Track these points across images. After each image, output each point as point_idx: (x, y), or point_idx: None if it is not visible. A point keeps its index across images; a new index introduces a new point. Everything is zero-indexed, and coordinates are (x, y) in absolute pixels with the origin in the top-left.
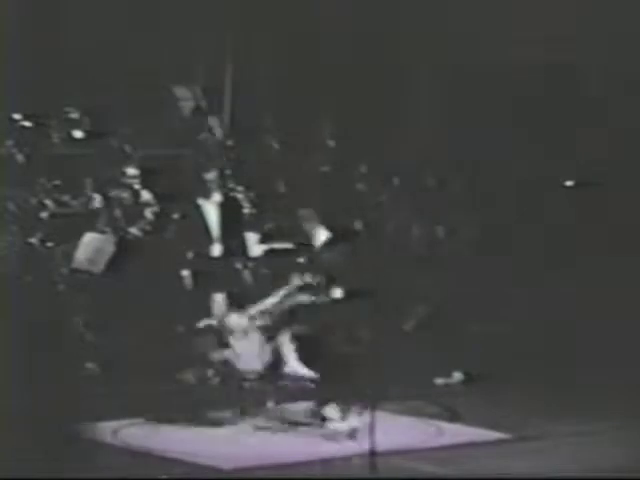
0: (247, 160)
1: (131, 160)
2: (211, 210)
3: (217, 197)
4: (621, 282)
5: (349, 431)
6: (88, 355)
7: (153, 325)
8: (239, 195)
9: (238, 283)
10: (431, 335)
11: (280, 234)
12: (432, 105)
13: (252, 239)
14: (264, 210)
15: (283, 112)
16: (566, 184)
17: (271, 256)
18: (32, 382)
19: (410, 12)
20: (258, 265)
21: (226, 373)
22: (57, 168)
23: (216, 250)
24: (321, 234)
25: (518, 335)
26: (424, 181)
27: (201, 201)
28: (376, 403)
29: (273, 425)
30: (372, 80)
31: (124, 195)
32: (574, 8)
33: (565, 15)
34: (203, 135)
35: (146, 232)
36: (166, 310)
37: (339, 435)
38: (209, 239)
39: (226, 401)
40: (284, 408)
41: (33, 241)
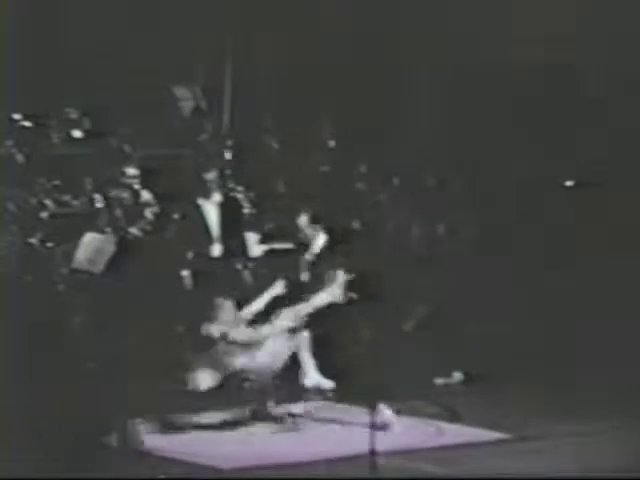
0: (247, 160)
1: (131, 160)
2: (211, 210)
3: (217, 197)
4: (621, 282)
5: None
6: (88, 355)
7: (153, 325)
8: (239, 195)
9: (238, 283)
10: (431, 335)
11: (280, 234)
12: (432, 105)
13: (252, 239)
14: (264, 210)
15: (283, 112)
16: (566, 184)
17: (271, 256)
18: (32, 382)
19: (410, 12)
20: (258, 265)
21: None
22: (57, 168)
23: (216, 250)
24: (320, 238)
25: (518, 335)
26: (424, 181)
27: (201, 201)
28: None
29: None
30: (372, 80)
31: (124, 195)
32: (574, 8)
33: (565, 15)
34: (203, 135)
35: (146, 232)
36: (166, 310)
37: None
38: (209, 239)
39: (226, 401)
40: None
41: (33, 241)
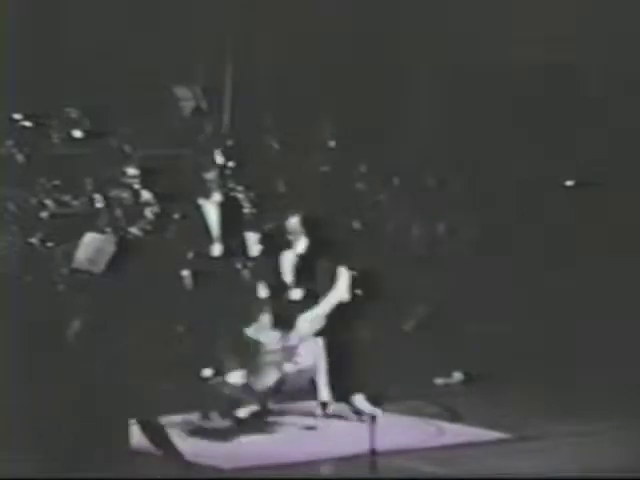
0: (247, 160)
1: (131, 160)
2: (211, 210)
3: (217, 197)
4: (621, 282)
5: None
6: (88, 355)
7: (153, 325)
8: (239, 195)
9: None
10: (431, 335)
11: (280, 234)
12: (432, 105)
13: (252, 239)
14: (264, 210)
15: (283, 112)
16: (566, 184)
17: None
18: (32, 382)
19: (410, 12)
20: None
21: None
22: (57, 168)
23: (216, 250)
24: (301, 243)
25: (518, 335)
26: (424, 181)
27: (201, 201)
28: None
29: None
30: (372, 80)
31: (124, 195)
32: (574, 8)
33: (565, 15)
34: (203, 135)
35: (146, 232)
36: (166, 310)
37: None
38: (209, 239)
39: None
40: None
41: (33, 241)
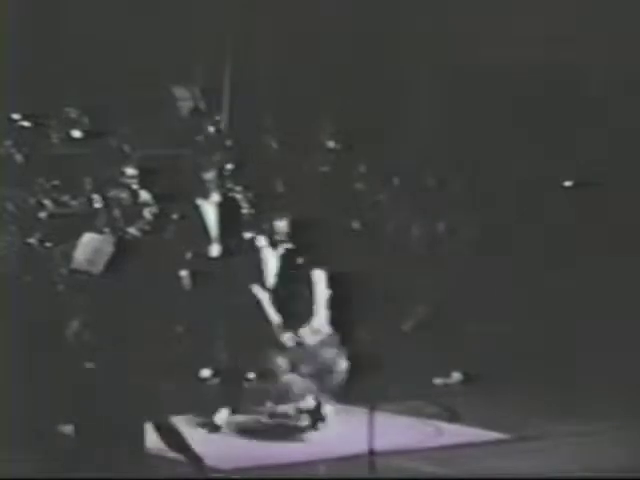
0: (246, 160)
1: (130, 160)
2: (210, 210)
3: (216, 197)
4: (621, 282)
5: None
6: (88, 355)
7: (152, 325)
8: (238, 195)
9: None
10: (431, 335)
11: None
12: (432, 105)
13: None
14: (263, 210)
15: (283, 112)
16: (566, 184)
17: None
18: (32, 382)
19: (410, 12)
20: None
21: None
22: (56, 168)
23: (215, 250)
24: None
25: (518, 335)
26: (424, 181)
27: (200, 201)
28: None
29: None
30: (372, 80)
31: (123, 195)
32: (574, 8)
33: (565, 15)
34: (202, 135)
35: (145, 232)
36: (165, 310)
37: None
38: (208, 239)
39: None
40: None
41: (32, 241)
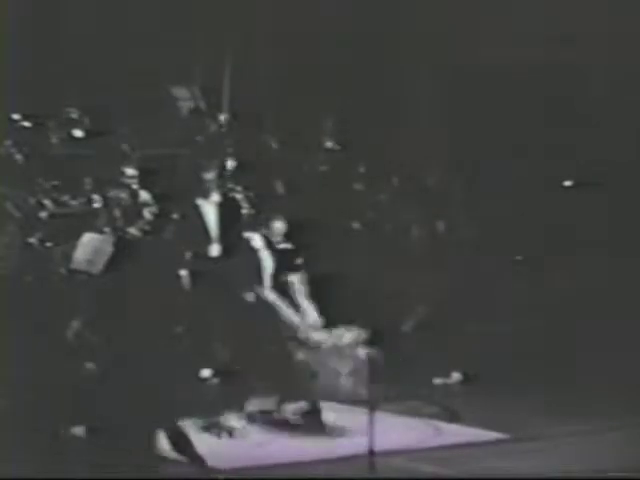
0: (246, 160)
1: (130, 160)
2: (210, 210)
3: (216, 197)
4: (621, 282)
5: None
6: (88, 355)
7: (152, 325)
8: (238, 195)
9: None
10: (430, 335)
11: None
12: (432, 105)
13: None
14: (263, 210)
15: (283, 112)
16: (566, 184)
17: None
18: (31, 382)
19: (410, 12)
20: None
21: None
22: (56, 168)
23: (214, 250)
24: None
25: (518, 335)
26: (424, 181)
27: (200, 201)
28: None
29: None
30: (372, 80)
31: (123, 195)
32: (574, 8)
33: (565, 15)
34: (202, 135)
35: (145, 232)
36: (165, 310)
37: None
38: (208, 239)
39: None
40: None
41: (32, 241)
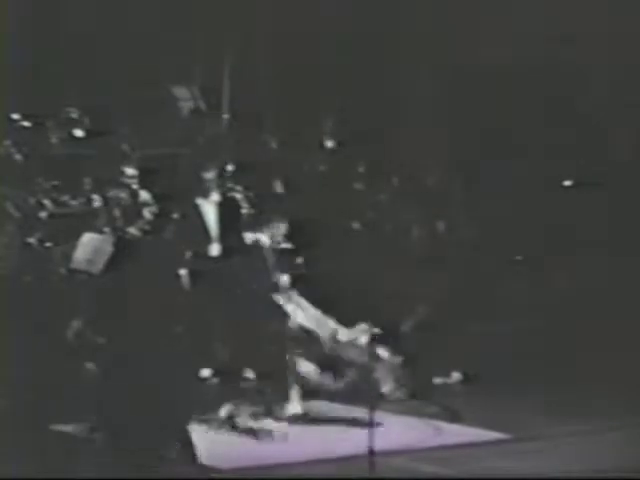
0: (246, 160)
1: (130, 160)
2: (210, 210)
3: (216, 197)
4: (621, 282)
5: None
6: (88, 355)
7: (152, 324)
8: (238, 195)
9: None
10: (431, 335)
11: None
12: (432, 105)
13: (251, 239)
14: (263, 210)
15: (283, 112)
16: (566, 184)
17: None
18: (32, 382)
19: (410, 12)
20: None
21: None
22: (56, 168)
23: (214, 250)
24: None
25: (518, 335)
26: (424, 181)
27: (200, 201)
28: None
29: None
30: (372, 80)
31: (123, 195)
32: (574, 8)
33: (565, 15)
34: (202, 135)
35: (145, 232)
36: (165, 310)
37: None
38: (208, 239)
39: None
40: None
41: (32, 241)
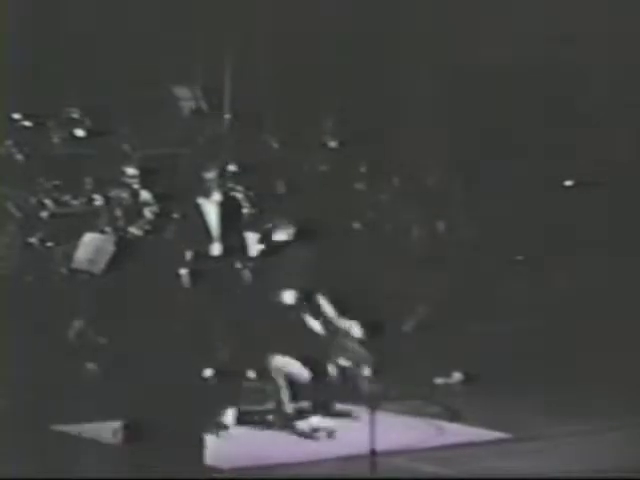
0: (247, 160)
1: (131, 160)
2: (211, 209)
3: (217, 196)
4: (621, 282)
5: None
6: (89, 355)
7: (152, 324)
8: (239, 194)
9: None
10: (431, 335)
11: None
12: (432, 105)
13: (252, 239)
14: (264, 210)
15: (283, 112)
16: (566, 184)
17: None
18: (32, 382)
19: (410, 12)
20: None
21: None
22: (57, 168)
23: (216, 249)
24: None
25: (518, 335)
26: (424, 181)
27: (201, 200)
28: (376, 403)
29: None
30: (372, 80)
31: (124, 195)
32: (574, 8)
33: (565, 14)
34: (203, 135)
35: (146, 232)
36: (165, 310)
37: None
38: (209, 238)
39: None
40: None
41: (33, 241)
